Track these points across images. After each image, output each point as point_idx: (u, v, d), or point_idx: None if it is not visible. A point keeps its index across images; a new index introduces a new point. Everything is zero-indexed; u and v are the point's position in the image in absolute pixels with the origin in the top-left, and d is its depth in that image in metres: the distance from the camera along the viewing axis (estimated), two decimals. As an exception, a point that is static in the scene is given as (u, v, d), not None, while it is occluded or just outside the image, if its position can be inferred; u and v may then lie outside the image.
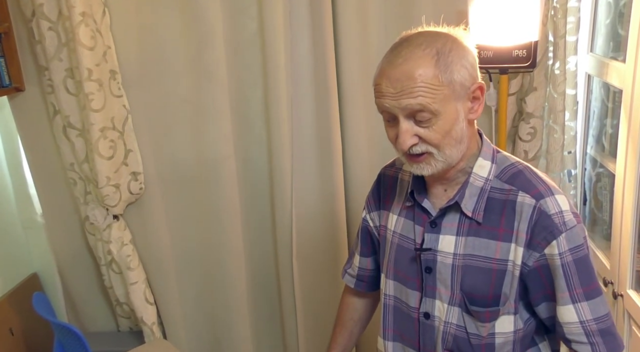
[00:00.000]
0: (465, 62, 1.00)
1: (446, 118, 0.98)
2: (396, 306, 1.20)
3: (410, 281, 1.15)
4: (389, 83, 0.98)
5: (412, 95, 0.96)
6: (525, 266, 1.03)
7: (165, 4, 1.92)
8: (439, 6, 1.92)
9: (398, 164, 1.26)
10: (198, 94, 2.00)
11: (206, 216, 2.12)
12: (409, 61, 0.97)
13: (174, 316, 2.22)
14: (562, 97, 1.89)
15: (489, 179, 1.07)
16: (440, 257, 1.09)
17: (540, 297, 1.06)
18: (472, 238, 1.07)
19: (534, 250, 1.02)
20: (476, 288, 1.06)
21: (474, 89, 1.01)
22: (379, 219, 1.25)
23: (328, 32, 1.93)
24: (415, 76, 0.96)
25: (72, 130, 1.96)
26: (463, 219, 1.08)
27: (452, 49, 0.99)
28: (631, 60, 1.59)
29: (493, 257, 1.05)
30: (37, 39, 1.89)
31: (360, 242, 1.33)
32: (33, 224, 2.24)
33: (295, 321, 2.22)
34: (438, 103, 0.97)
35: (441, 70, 0.97)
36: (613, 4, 1.89)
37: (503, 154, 1.12)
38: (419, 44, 0.99)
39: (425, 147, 1.01)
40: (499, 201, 1.05)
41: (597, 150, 2.04)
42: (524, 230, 1.02)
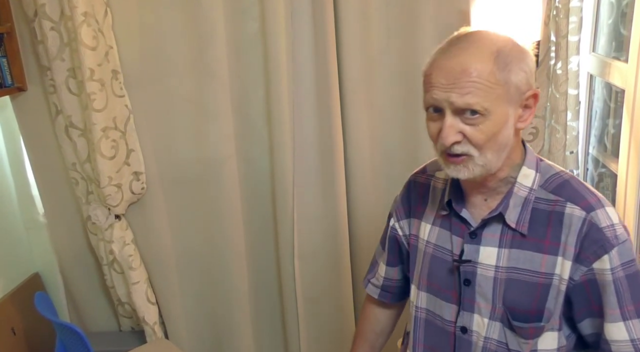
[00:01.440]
0: (524, 65, 0.95)
1: (495, 119, 0.94)
2: (428, 319, 1.15)
3: (446, 293, 1.10)
4: (440, 73, 0.94)
5: (461, 91, 0.91)
6: (571, 281, 0.99)
7: (167, 4, 1.92)
8: (441, 6, 1.91)
9: (430, 171, 1.21)
10: (200, 94, 2.00)
11: (208, 216, 2.13)
12: (467, 53, 0.93)
13: (176, 315, 2.22)
14: (564, 97, 1.88)
15: (533, 189, 1.02)
16: (480, 270, 1.04)
17: (584, 313, 1.02)
18: (516, 250, 1.02)
19: (581, 264, 0.97)
20: (520, 302, 1.02)
21: (528, 95, 0.97)
22: (409, 228, 1.21)
23: (330, 31, 1.93)
24: (471, 70, 0.91)
25: (74, 130, 1.96)
26: (506, 230, 1.03)
27: (513, 49, 0.95)
28: (633, 60, 1.58)
29: (538, 270, 1.00)
30: (39, 39, 1.90)
31: (388, 252, 1.28)
32: (35, 224, 2.24)
33: (296, 321, 2.22)
34: (489, 101, 0.92)
35: (499, 67, 0.92)
36: (615, 4, 1.89)
37: (547, 163, 1.07)
38: (479, 39, 0.95)
39: (467, 148, 0.96)
40: (544, 212, 1.01)
41: (600, 151, 2.03)
42: (573, 243, 0.97)
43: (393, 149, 2.10)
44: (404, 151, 2.09)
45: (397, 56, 2.00)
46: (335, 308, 2.23)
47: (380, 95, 2.04)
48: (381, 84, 2.03)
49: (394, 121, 2.06)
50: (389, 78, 2.02)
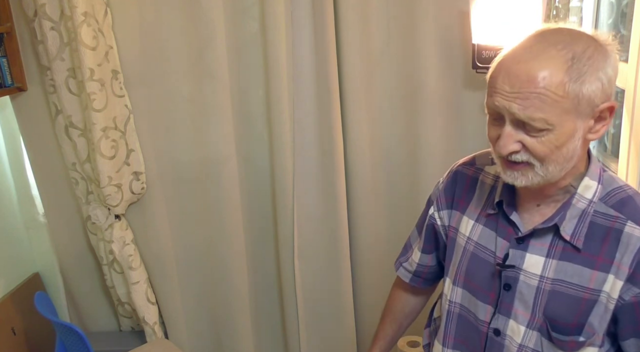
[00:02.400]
0: (602, 74, 0.86)
1: (560, 133, 0.86)
2: (462, 314, 1.12)
3: (484, 293, 1.06)
4: (505, 79, 0.86)
5: (524, 103, 0.84)
6: (620, 300, 0.94)
7: (167, 4, 1.92)
8: (441, 6, 1.91)
9: (479, 164, 1.14)
10: (200, 94, 2.00)
11: (208, 216, 2.13)
12: (537, 60, 0.84)
13: (176, 315, 2.22)
14: (564, 97, 1.88)
15: (593, 202, 0.96)
16: (523, 277, 1.00)
17: (630, 332, 0.97)
18: (565, 263, 0.96)
19: (634, 285, 0.92)
20: (561, 315, 0.98)
21: (602, 108, 0.88)
22: (449, 219, 1.16)
23: (330, 31, 1.93)
24: (539, 79, 0.83)
25: (74, 130, 1.96)
26: (556, 241, 0.97)
27: (592, 56, 0.85)
28: (634, 60, 1.58)
29: (586, 286, 0.95)
30: (39, 39, 1.90)
31: (425, 239, 1.23)
32: (35, 224, 2.24)
33: (297, 320, 2.22)
34: (555, 116, 0.84)
35: (571, 78, 0.83)
36: (615, 4, 1.89)
37: (609, 174, 1.00)
38: (555, 43, 0.85)
39: (527, 157, 0.89)
40: (601, 227, 0.95)
41: (600, 151, 2.03)
42: (628, 263, 0.92)
43: (393, 149, 2.10)
44: (404, 151, 2.09)
45: (397, 56, 2.00)
46: (335, 308, 2.23)
47: (380, 95, 2.04)
48: (381, 84, 2.03)
49: (394, 121, 2.06)
50: (389, 78, 2.02)
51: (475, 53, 1.81)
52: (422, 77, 1.97)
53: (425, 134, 2.03)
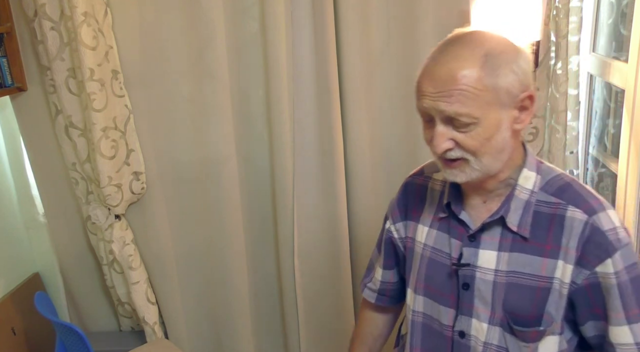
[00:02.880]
0: (515, 67, 0.93)
1: (487, 125, 0.92)
2: (425, 323, 1.13)
3: (444, 297, 1.08)
4: (429, 81, 0.93)
5: (449, 99, 0.90)
6: (573, 284, 0.98)
7: (167, 4, 1.92)
8: (441, 6, 1.91)
9: (427, 173, 1.19)
10: (200, 94, 2.00)
11: (208, 216, 2.13)
12: (454, 60, 0.91)
13: (176, 315, 2.22)
14: (564, 97, 1.88)
15: (534, 192, 1.00)
16: (479, 274, 1.03)
17: (587, 316, 1.01)
18: (517, 254, 1.00)
19: (583, 268, 0.96)
20: (519, 307, 1.00)
21: (522, 97, 0.94)
22: (405, 231, 1.19)
23: (330, 31, 1.93)
24: (458, 77, 0.89)
25: (74, 130, 1.96)
26: (506, 234, 1.01)
27: (504, 51, 0.92)
28: (634, 60, 1.58)
29: (539, 274, 0.99)
30: (39, 38, 1.90)
31: (384, 255, 1.26)
32: (35, 224, 2.24)
33: (296, 321, 2.22)
34: (478, 109, 0.90)
35: (487, 73, 0.90)
36: (615, 4, 1.89)
37: (547, 165, 1.05)
38: (468, 43, 0.93)
39: (460, 153, 0.95)
40: (545, 215, 0.99)
41: (600, 151, 2.03)
42: (574, 247, 0.96)
43: (393, 149, 2.10)
44: (404, 151, 2.09)
45: (397, 56, 2.00)
46: (335, 308, 2.23)
47: (380, 95, 2.04)
48: (381, 84, 2.03)
49: (394, 121, 2.06)
50: (389, 78, 2.02)
51: (475, 53, 1.81)
52: (422, 77, 1.97)
53: (425, 134, 2.03)
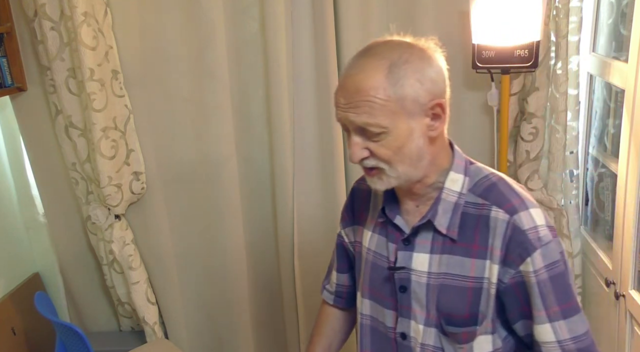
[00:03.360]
0: (421, 76, 0.94)
1: (397, 134, 0.94)
2: (373, 325, 1.16)
3: (386, 300, 1.11)
4: (341, 93, 0.95)
5: (357, 110, 0.93)
6: (501, 283, 0.99)
7: (167, 4, 1.92)
8: (441, 6, 1.91)
9: None
10: (200, 94, 2.00)
11: (208, 216, 2.13)
12: (362, 72, 0.93)
13: (176, 315, 2.22)
14: (564, 97, 1.88)
15: (463, 193, 1.02)
16: (414, 276, 1.05)
17: (517, 315, 1.03)
18: (447, 256, 1.02)
19: (509, 267, 0.98)
20: (452, 308, 1.02)
21: (431, 105, 0.95)
22: (354, 235, 1.21)
23: (330, 31, 1.93)
24: (364, 89, 0.92)
25: (74, 130, 1.96)
26: (437, 236, 1.03)
27: (409, 61, 0.93)
28: (633, 60, 1.58)
29: (468, 275, 1.01)
30: (39, 39, 1.90)
31: (337, 259, 1.29)
32: (35, 224, 2.24)
33: (296, 321, 2.22)
34: (385, 119, 0.92)
35: (390, 83, 0.92)
36: (615, 4, 1.88)
37: (477, 166, 1.07)
38: (375, 54, 0.95)
39: (375, 162, 0.97)
40: (473, 216, 1.01)
41: (599, 151, 2.03)
42: (499, 246, 0.98)
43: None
44: (404, 151, 2.09)
45: (397, 56, 1.99)
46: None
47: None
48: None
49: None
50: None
51: (475, 53, 1.81)
52: (422, 77, 1.97)
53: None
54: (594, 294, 2.01)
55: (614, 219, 1.77)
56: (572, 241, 2.00)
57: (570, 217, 2.00)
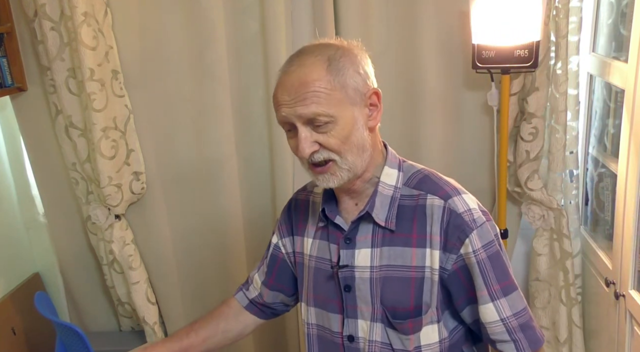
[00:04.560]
0: (357, 67, 1.01)
1: (343, 123, 0.98)
2: (320, 334, 1.16)
3: (331, 303, 1.11)
4: (284, 91, 0.98)
5: (305, 102, 0.96)
6: (444, 271, 1.02)
7: (167, 4, 1.92)
8: (441, 6, 1.91)
9: (309, 188, 1.24)
10: (200, 94, 2.00)
11: (208, 216, 2.13)
12: (302, 68, 0.98)
13: (176, 315, 2.23)
14: (564, 97, 1.88)
15: (398, 187, 1.06)
16: (358, 273, 1.06)
17: (463, 301, 1.05)
18: (387, 248, 1.05)
19: (450, 252, 1.01)
20: (397, 300, 1.04)
21: (369, 94, 1.02)
22: (292, 246, 1.22)
23: (330, 32, 1.92)
24: (308, 81, 0.96)
25: (74, 130, 1.96)
26: (377, 230, 1.06)
27: (343, 55, 1.00)
28: (633, 60, 1.58)
29: (410, 265, 1.03)
30: (39, 39, 1.90)
31: (267, 269, 1.26)
32: (35, 224, 2.24)
33: (296, 321, 2.22)
34: (332, 107, 0.97)
35: (333, 74, 0.97)
36: (615, 4, 1.89)
37: (409, 163, 1.12)
38: (311, 52, 1.00)
39: (327, 154, 0.99)
40: (409, 207, 1.05)
41: (599, 151, 2.03)
42: (437, 232, 1.02)
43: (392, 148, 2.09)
44: (403, 151, 2.06)
45: (397, 56, 1.99)
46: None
47: (380, 95, 2.04)
48: (381, 84, 2.02)
49: (394, 121, 2.06)
50: (389, 78, 2.02)
51: (475, 53, 1.81)
52: (422, 77, 1.97)
53: (425, 134, 2.03)
54: (594, 294, 2.01)
55: (614, 219, 1.77)
56: (572, 241, 2.00)
57: (570, 217, 2.00)
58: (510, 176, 2.02)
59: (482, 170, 2.07)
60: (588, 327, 2.09)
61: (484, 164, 2.07)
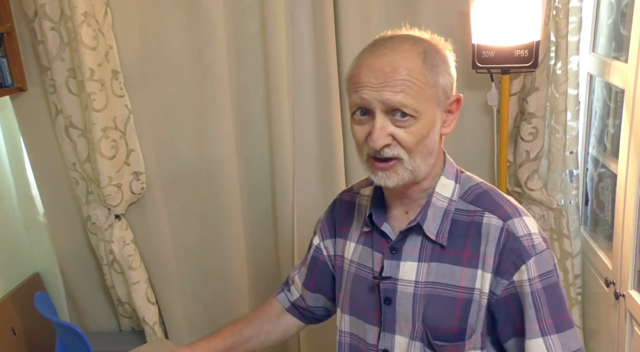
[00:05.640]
0: (448, 68, 0.94)
1: (425, 122, 0.91)
2: (352, 343, 1.10)
3: (368, 314, 1.05)
4: (369, 73, 0.90)
5: (395, 88, 0.88)
6: (493, 295, 0.95)
7: (167, 4, 1.92)
8: (441, 6, 1.91)
9: (355, 189, 1.17)
10: (200, 94, 2.00)
11: (208, 216, 2.13)
12: (395, 53, 0.90)
13: (176, 315, 2.23)
14: (564, 97, 1.88)
15: (453, 200, 0.99)
16: (400, 287, 1.00)
17: (509, 332, 0.98)
18: (436, 264, 0.97)
19: (502, 277, 0.94)
20: (440, 320, 0.97)
21: (452, 100, 0.96)
22: (334, 248, 1.16)
23: (330, 32, 1.93)
24: (401, 68, 0.89)
25: (74, 130, 1.96)
26: (426, 243, 0.99)
27: (438, 52, 0.94)
28: (633, 60, 1.58)
29: (458, 284, 0.96)
30: (39, 39, 1.90)
31: (308, 273, 1.22)
32: (35, 224, 2.24)
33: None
34: (421, 103, 0.90)
35: (428, 68, 0.90)
36: (615, 4, 1.89)
37: (467, 175, 1.04)
38: (405, 40, 0.93)
39: (397, 151, 0.92)
40: (463, 223, 0.98)
41: (599, 151, 2.03)
42: (492, 254, 0.94)
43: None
44: (403, 151, 2.09)
45: (397, 56, 1.99)
46: (335, 308, 2.23)
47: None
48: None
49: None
50: (389, 78, 2.02)
51: (475, 53, 1.81)
52: (422, 77, 1.97)
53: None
54: (594, 294, 2.01)
55: (613, 219, 1.77)
56: (572, 241, 2.00)
57: (570, 217, 2.00)
58: (510, 176, 2.02)
59: (482, 171, 2.07)
60: (588, 327, 2.09)
61: (484, 164, 2.07)
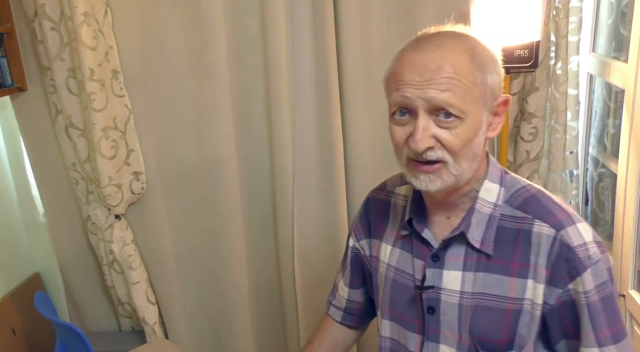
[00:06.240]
0: (497, 67, 0.88)
1: (470, 124, 0.85)
2: (394, 349, 1.07)
3: (410, 322, 1.01)
4: (413, 70, 0.84)
5: (440, 86, 0.82)
6: (546, 305, 0.91)
7: (167, 4, 1.92)
8: (441, 6, 1.92)
9: (389, 187, 1.13)
10: (200, 94, 2.00)
11: (208, 216, 2.13)
12: (441, 50, 0.84)
13: (176, 315, 2.22)
14: (564, 97, 1.89)
15: (498, 205, 0.93)
16: (444, 296, 0.96)
17: (560, 335, 0.95)
18: (482, 274, 0.93)
19: (555, 286, 0.90)
20: (488, 331, 0.93)
21: (500, 101, 0.90)
22: (370, 249, 1.12)
23: (330, 32, 1.93)
24: (447, 66, 0.83)
25: (74, 130, 1.96)
26: (470, 252, 0.94)
27: (485, 49, 0.88)
28: (633, 60, 1.58)
29: (507, 295, 0.92)
30: (39, 39, 1.90)
31: (350, 273, 1.19)
32: (35, 224, 2.24)
33: (296, 321, 2.22)
34: (468, 103, 0.84)
35: (476, 67, 0.84)
36: (615, 4, 1.89)
37: (512, 176, 0.98)
38: (450, 37, 0.87)
39: (441, 154, 0.86)
40: (511, 230, 0.92)
41: (599, 151, 2.04)
42: (543, 265, 0.89)
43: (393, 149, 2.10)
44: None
45: (397, 56, 1.99)
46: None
47: (380, 95, 2.02)
48: (381, 84, 2.02)
49: (394, 121, 2.06)
50: (389, 78, 2.02)
51: (475, 53, 1.81)
52: (422, 77, 1.97)
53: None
54: (594, 294, 2.01)
55: (613, 219, 1.77)
56: (572, 240, 2.00)
57: (570, 217, 2.00)
58: (510, 176, 2.02)
59: (482, 170, 2.07)
60: (588, 327, 2.09)
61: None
